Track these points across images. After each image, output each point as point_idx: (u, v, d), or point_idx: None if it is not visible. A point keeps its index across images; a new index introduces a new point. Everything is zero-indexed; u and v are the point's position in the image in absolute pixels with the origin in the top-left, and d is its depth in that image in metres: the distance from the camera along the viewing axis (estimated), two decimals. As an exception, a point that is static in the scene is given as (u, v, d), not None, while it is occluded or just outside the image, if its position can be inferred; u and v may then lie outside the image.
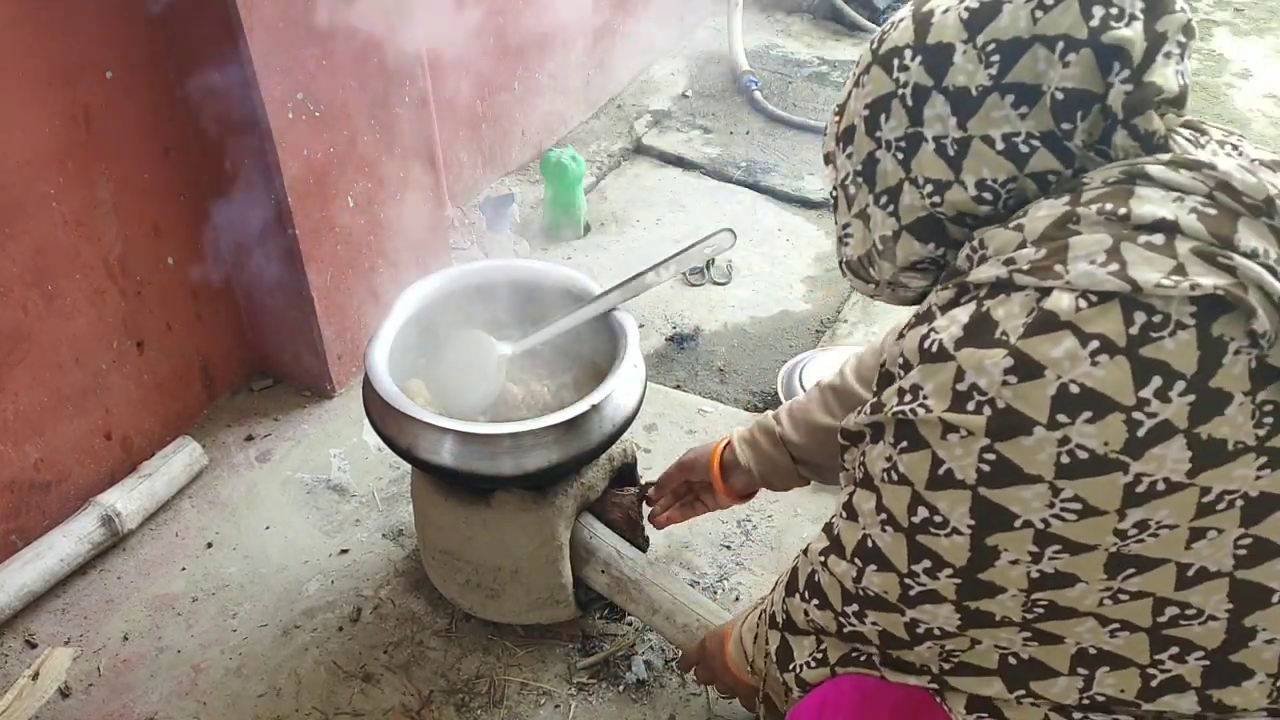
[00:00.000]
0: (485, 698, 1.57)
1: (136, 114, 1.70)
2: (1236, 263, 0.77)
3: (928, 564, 0.89)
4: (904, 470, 0.88)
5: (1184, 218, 0.79)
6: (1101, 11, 0.84)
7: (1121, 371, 0.77)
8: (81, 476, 1.81)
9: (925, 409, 0.85)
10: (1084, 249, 0.80)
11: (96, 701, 1.57)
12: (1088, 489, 0.79)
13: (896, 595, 0.93)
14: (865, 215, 1.00)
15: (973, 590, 0.88)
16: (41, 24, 1.52)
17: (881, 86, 0.95)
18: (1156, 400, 0.77)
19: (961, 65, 0.88)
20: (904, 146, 0.94)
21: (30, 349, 1.66)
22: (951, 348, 0.84)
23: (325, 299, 1.97)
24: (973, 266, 0.90)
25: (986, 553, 0.85)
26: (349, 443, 2.02)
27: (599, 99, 3.12)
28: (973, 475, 0.83)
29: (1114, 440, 0.78)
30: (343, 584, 1.75)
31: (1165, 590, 0.84)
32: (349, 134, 1.88)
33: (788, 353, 2.27)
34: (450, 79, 2.43)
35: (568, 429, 1.41)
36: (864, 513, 0.95)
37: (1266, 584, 0.83)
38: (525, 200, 2.69)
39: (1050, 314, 0.79)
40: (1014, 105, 0.87)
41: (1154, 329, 0.77)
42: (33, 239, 1.60)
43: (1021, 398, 0.79)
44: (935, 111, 0.91)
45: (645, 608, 1.52)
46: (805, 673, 1.10)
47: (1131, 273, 0.78)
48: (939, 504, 0.86)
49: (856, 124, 0.98)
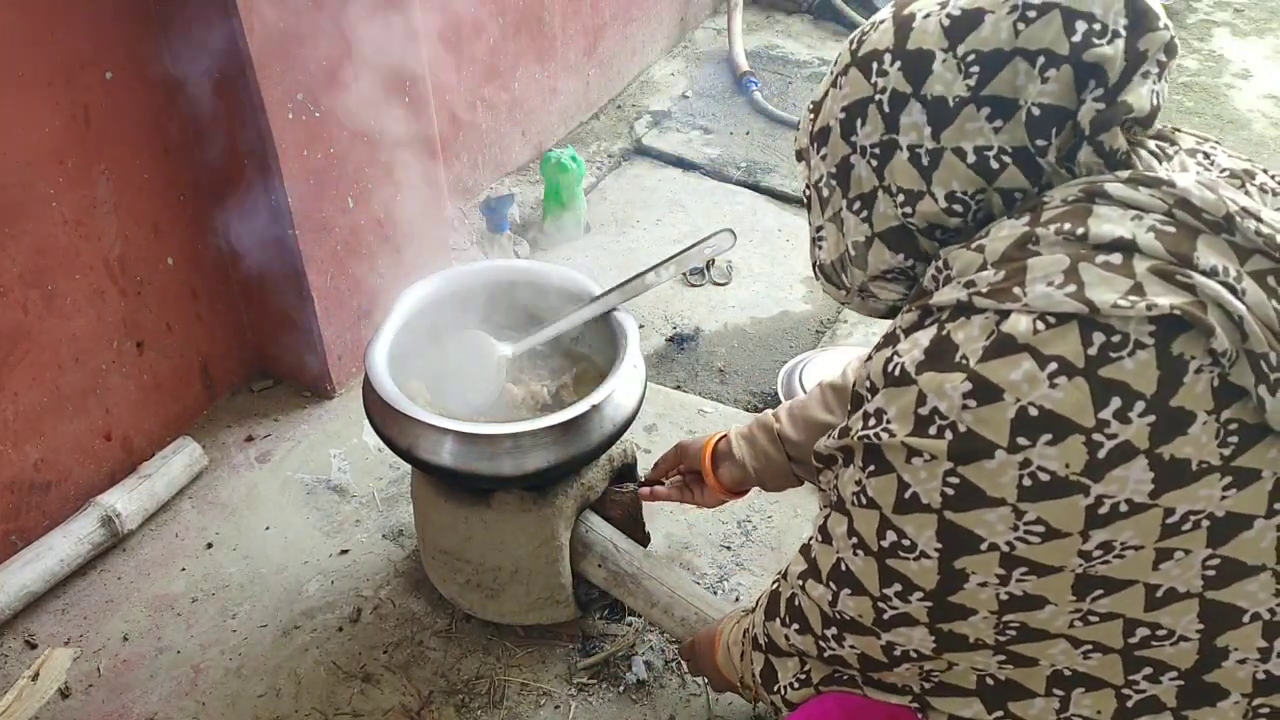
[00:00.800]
0: (485, 698, 1.57)
1: (136, 114, 1.70)
2: (1195, 281, 0.77)
3: (899, 587, 0.89)
4: (872, 494, 0.89)
5: (1142, 236, 0.79)
6: (1084, 27, 0.83)
7: (1080, 393, 0.77)
8: (81, 477, 1.81)
9: (889, 433, 0.85)
10: (1042, 270, 0.80)
11: (96, 702, 1.57)
12: (1050, 511, 0.79)
13: (871, 619, 0.93)
14: (839, 219, 1.00)
15: (944, 613, 0.88)
16: (41, 24, 1.52)
17: (859, 90, 0.94)
18: (1116, 421, 0.77)
19: (940, 74, 0.88)
20: (878, 154, 0.93)
21: (30, 349, 1.66)
22: (913, 371, 0.84)
23: (325, 299, 1.97)
24: (938, 287, 0.90)
25: (955, 576, 0.85)
26: (349, 443, 2.02)
27: (599, 99, 3.12)
28: (937, 499, 0.83)
29: (1074, 462, 0.77)
30: (342, 584, 1.74)
31: (1135, 611, 0.83)
32: (349, 134, 1.88)
33: (788, 353, 2.27)
34: (450, 79, 2.43)
35: (568, 429, 1.41)
36: (837, 536, 0.95)
37: (1236, 604, 0.83)
38: (525, 200, 2.69)
39: (1008, 337, 0.80)
40: (989, 118, 0.86)
41: (1113, 349, 0.77)
42: (32, 239, 1.60)
43: (981, 421, 0.79)
44: (911, 120, 0.90)
45: (643, 601, 1.52)
46: (790, 694, 1.11)
47: (1089, 293, 0.78)
48: (906, 528, 0.86)
49: (832, 125, 0.97)
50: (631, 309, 1.57)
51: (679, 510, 1.87)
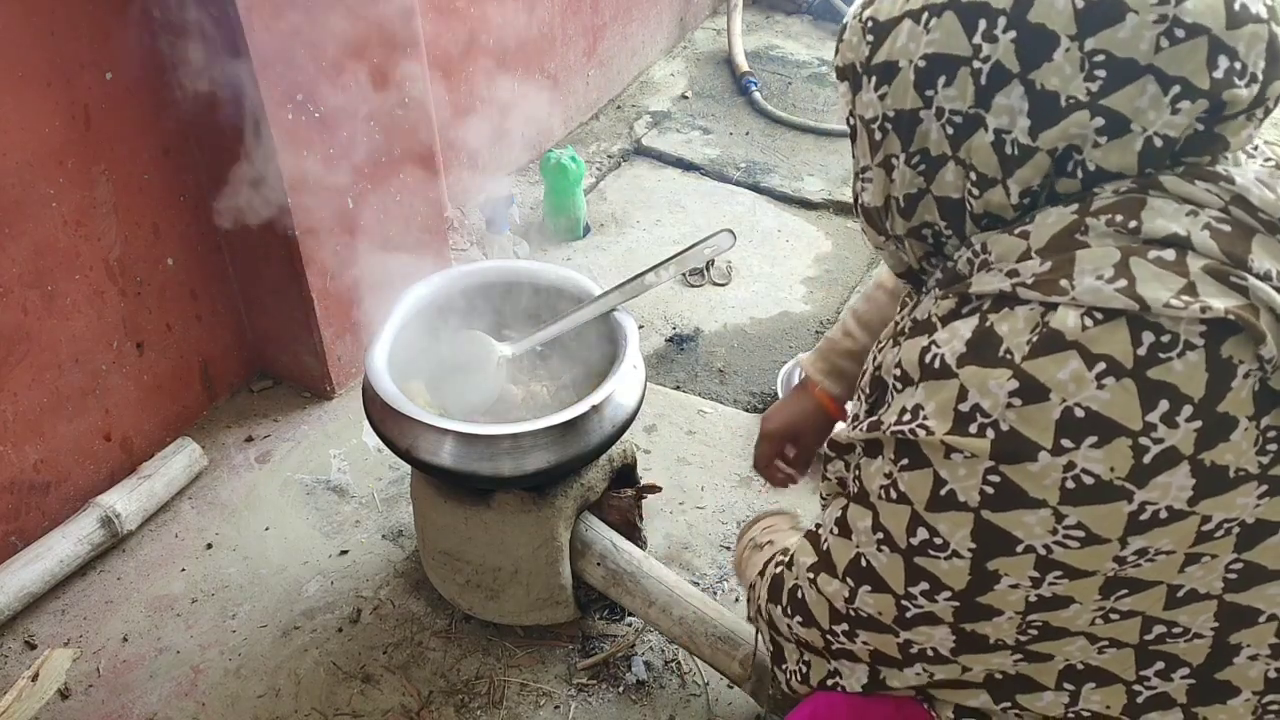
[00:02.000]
0: (485, 698, 1.57)
1: (136, 114, 1.70)
2: (1249, 284, 0.74)
3: (925, 586, 0.86)
4: (904, 489, 0.84)
5: (1196, 234, 0.76)
6: (1226, 64, 0.75)
7: (1128, 395, 0.74)
8: (81, 477, 1.81)
9: (926, 430, 0.81)
10: (1091, 263, 0.76)
11: (96, 702, 1.57)
12: (1091, 516, 0.76)
13: (891, 617, 0.90)
14: (890, 165, 0.90)
15: (970, 613, 0.85)
16: (41, 24, 1.52)
17: (953, 44, 0.81)
18: (1163, 425, 0.74)
19: (1059, 65, 0.77)
20: (959, 124, 0.83)
21: (30, 349, 1.66)
22: (954, 364, 0.80)
23: (325, 300, 1.97)
24: (972, 271, 0.85)
25: (987, 577, 0.82)
26: (349, 444, 2.02)
27: (599, 100, 3.12)
28: (976, 498, 0.79)
29: (1120, 466, 0.74)
30: (342, 585, 1.74)
31: (1155, 610, 0.83)
32: (349, 135, 1.88)
33: (787, 353, 2.27)
34: (450, 79, 2.43)
35: (567, 430, 1.41)
36: (859, 530, 0.91)
37: (1254, 606, 0.82)
38: (525, 201, 2.69)
39: (1056, 333, 0.76)
40: (1099, 131, 0.78)
41: (1162, 350, 0.74)
42: (32, 239, 1.60)
43: (1026, 421, 0.76)
44: (1009, 103, 0.79)
45: (641, 600, 1.52)
46: (794, 682, 1.08)
47: (1140, 290, 0.74)
48: (939, 526, 0.82)
49: (903, 67, 0.84)
50: (631, 309, 1.57)
51: (679, 510, 1.87)
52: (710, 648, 1.46)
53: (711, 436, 2.04)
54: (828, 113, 3.17)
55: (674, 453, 2.00)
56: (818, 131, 3.05)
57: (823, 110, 3.19)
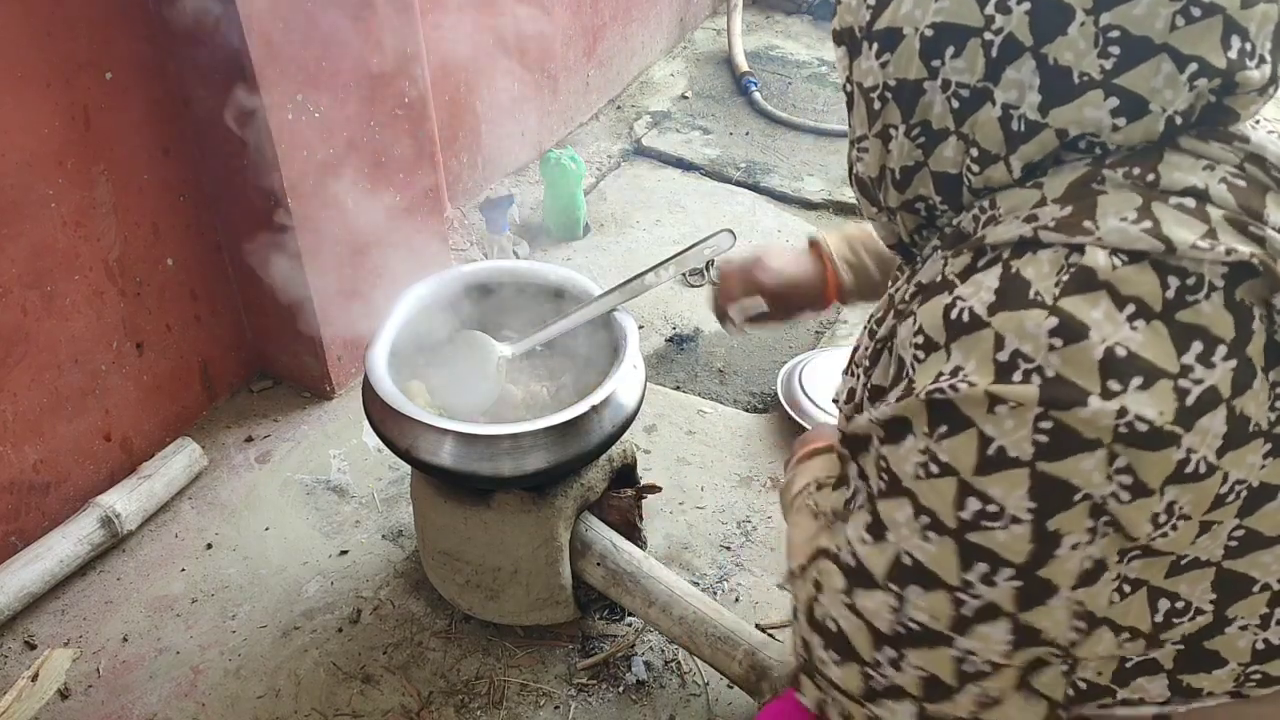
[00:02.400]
0: (485, 699, 1.56)
1: (136, 114, 1.70)
2: (1267, 234, 0.74)
3: (984, 568, 0.79)
4: (947, 459, 0.78)
5: (1214, 186, 0.75)
6: (1239, 44, 0.74)
7: (1160, 337, 0.72)
8: (81, 478, 1.81)
9: (968, 384, 0.75)
10: (1114, 206, 0.75)
11: (96, 703, 1.57)
12: (1142, 462, 0.73)
13: (947, 619, 0.82)
14: (886, 136, 0.87)
15: (1030, 595, 0.79)
16: (40, 24, 1.52)
17: (964, 14, 0.78)
18: (1200, 366, 0.72)
19: (1073, 40, 0.75)
20: (965, 97, 0.80)
21: (29, 350, 1.66)
22: (985, 314, 0.76)
23: (325, 300, 1.97)
24: (979, 228, 0.83)
25: (1048, 540, 0.77)
26: (349, 444, 2.02)
27: (599, 100, 3.12)
28: (1029, 450, 0.74)
29: (1167, 409, 0.72)
30: (342, 585, 1.74)
31: (1157, 579, 0.82)
32: (349, 135, 1.88)
33: (787, 353, 2.27)
34: (450, 79, 2.43)
35: (567, 430, 1.41)
36: (896, 524, 0.83)
37: (1250, 574, 0.82)
38: (525, 201, 2.69)
39: (1088, 270, 0.74)
40: (1114, 112, 0.76)
41: (1189, 292, 0.73)
42: (32, 240, 1.60)
43: (1070, 363, 0.73)
44: (1019, 76, 0.77)
45: (641, 600, 1.52)
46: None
47: (1166, 231, 0.73)
48: (992, 490, 0.76)
49: (908, 35, 0.82)
50: (631, 309, 1.57)
51: (679, 510, 1.87)
52: (710, 648, 1.46)
53: (711, 436, 2.04)
54: (828, 113, 3.17)
55: (674, 453, 2.00)
56: (818, 132, 3.05)
57: (823, 110, 3.19)
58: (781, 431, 2.05)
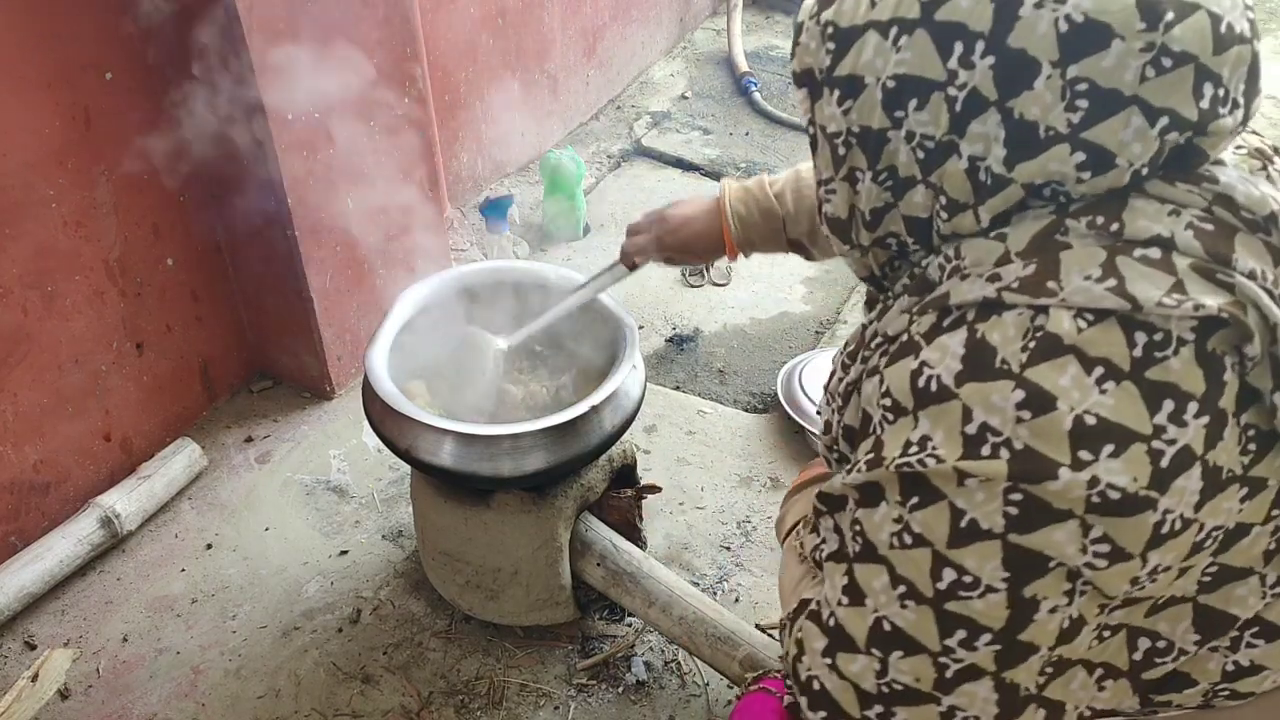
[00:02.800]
0: (485, 699, 1.57)
1: (136, 115, 1.70)
2: (1236, 281, 0.72)
3: (963, 634, 0.78)
4: (919, 530, 0.77)
5: (1180, 233, 0.74)
6: (1211, 92, 0.72)
7: (1131, 398, 0.71)
8: (81, 478, 1.81)
9: (936, 459, 0.75)
10: (1077, 263, 0.74)
11: (96, 703, 1.57)
12: (1118, 529, 0.73)
13: (931, 681, 0.81)
14: (854, 179, 0.86)
15: (1010, 656, 0.79)
16: (41, 25, 1.52)
17: (926, 67, 0.76)
18: (1173, 426, 0.71)
19: (1040, 94, 0.73)
20: (930, 149, 0.79)
21: (30, 350, 1.66)
22: (952, 384, 0.75)
23: (325, 300, 1.97)
24: (943, 277, 0.81)
25: (1025, 606, 0.76)
26: (348, 444, 2.02)
27: (598, 100, 3.12)
28: (1000, 522, 0.74)
29: (1141, 475, 0.71)
30: (342, 585, 1.74)
31: (1137, 620, 0.82)
32: (349, 135, 1.88)
33: (787, 354, 2.27)
34: (449, 80, 2.43)
35: (567, 430, 1.41)
36: (874, 591, 0.82)
37: (1228, 610, 0.81)
38: (524, 201, 2.69)
39: (1053, 337, 0.72)
40: (1080, 166, 0.74)
41: (1157, 348, 0.72)
42: (32, 240, 1.60)
43: (1039, 435, 0.72)
44: (984, 130, 0.76)
45: (641, 600, 1.52)
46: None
47: (1131, 288, 0.72)
48: (966, 561, 0.76)
49: (869, 84, 0.80)
50: (631, 309, 1.57)
51: (679, 511, 1.87)
52: (710, 648, 1.46)
53: (711, 437, 2.04)
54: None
55: (674, 453, 2.01)
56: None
57: (822, 110, 3.19)
58: (781, 432, 2.05)
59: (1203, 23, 0.71)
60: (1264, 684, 0.87)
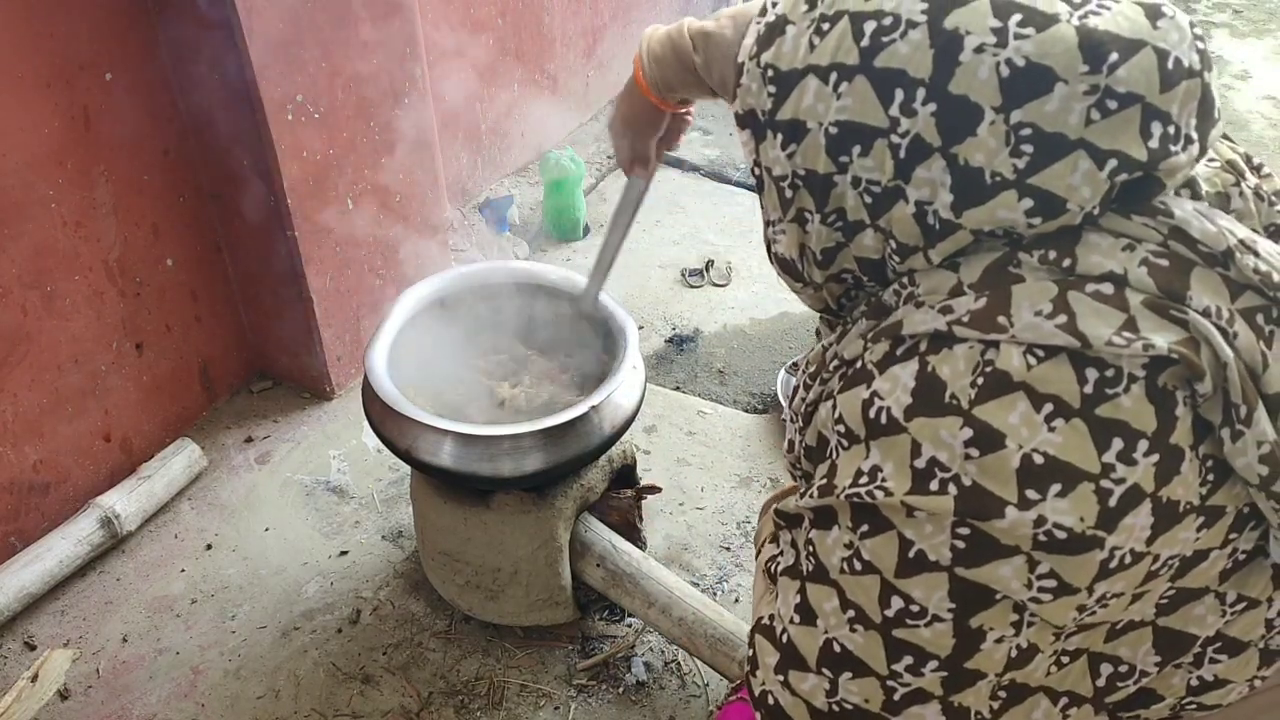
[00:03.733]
0: (484, 699, 1.56)
1: (136, 115, 1.70)
2: (1189, 318, 0.72)
3: (909, 660, 0.79)
4: (869, 558, 0.78)
5: (1134, 270, 0.73)
6: (1160, 130, 0.71)
7: (1079, 436, 0.71)
8: (81, 478, 1.81)
9: (885, 491, 0.75)
10: (1028, 298, 0.73)
11: (95, 703, 1.56)
12: (1064, 566, 0.73)
13: (880, 703, 0.82)
14: (802, 220, 0.85)
15: (957, 681, 0.79)
16: (40, 25, 1.52)
17: (867, 114, 0.75)
18: (1121, 465, 0.71)
19: (983, 140, 0.72)
20: (877, 194, 0.78)
21: (29, 350, 1.66)
22: (902, 417, 0.75)
23: (324, 300, 1.97)
24: (899, 303, 0.81)
25: (971, 636, 0.77)
26: (348, 444, 2.02)
27: (598, 101, 3.12)
28: (947, 555, 0.74)
29: (1088, 514, 0.71)
30: (342, 586, 1.74)
31: (1097, 645, 0.82)
32: (348, 136, 1.88)
33: (787, 354, 2.27)
34: (450, 80, 2.43)
35: (567, 431, 1.41)
36: (825, 613, 0.83)
37: (1186, 630, 0.82)
38: (524, 202, 2.69)
39: (1003, 375, 0.72)
40: (1029, 213, 0.73)
41: (1108, 385, 0.71)
42: (32, 240, 1.60)
43: (986, 473, 0.72)
44: (930, 176, 0.74)
45: (641, 602, 1.52)
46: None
47: (1081, 326, 0.71)
48: (914, 591, 0.76)
49: (812, 129, 0.79)
50: (631, 309, 1.57)
51: (678, 511, 1.87)
52: (710, 649, 1.46)
53: (711, 437, 2.04)
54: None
55: (674, 453, 2.00)
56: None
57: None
58: (781, 432, 2.05)
59: (1149, 61, 0.70)
60: (1229, 696, 0.87)
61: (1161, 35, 0.70)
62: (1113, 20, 0.70)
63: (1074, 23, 0.70)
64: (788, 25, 0.79)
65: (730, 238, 2.64)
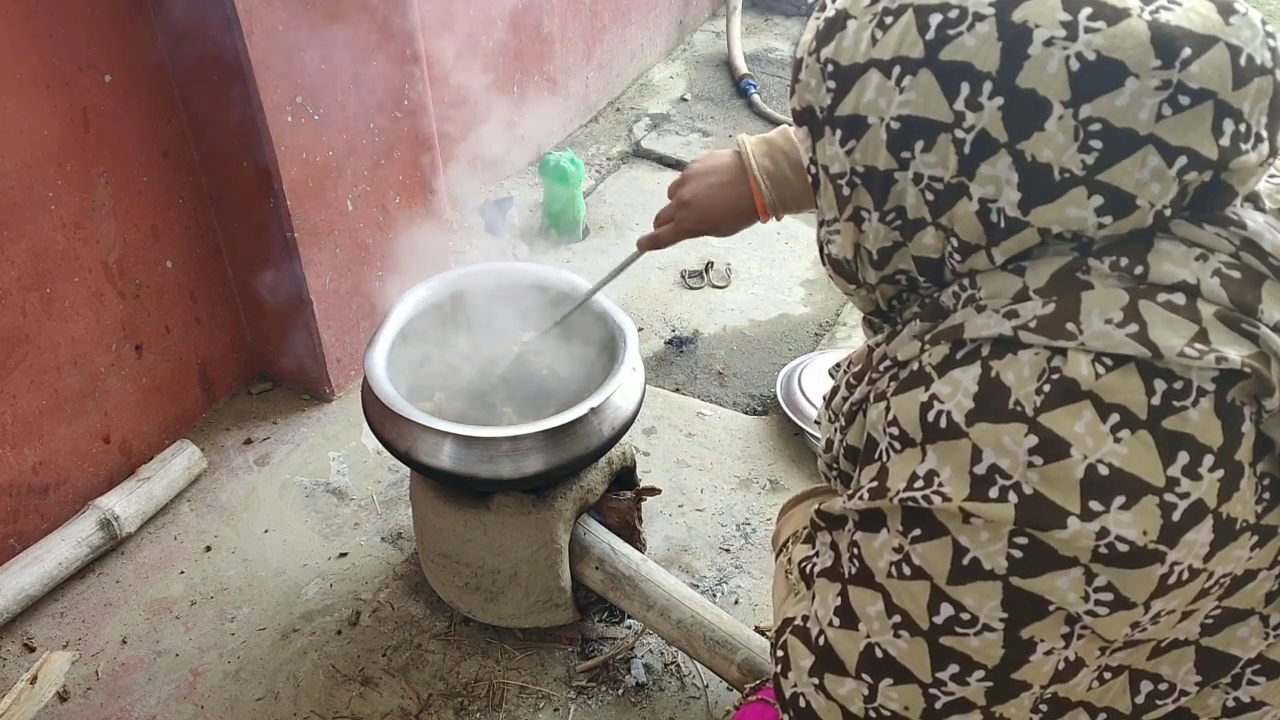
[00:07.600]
0: (484, 701, 1.56)
1: (135, 117, 1.70)
2: (1261, 332, 0.70)
3: (955, 669, 0.78)
4: (919, 563, 0.77)
5: (1206, 280, 0.71)
6: (1232, 128, 0.69)
7: (1146, 448, 0.70)
8: (80, 480, 1.81)
9: (942, 496, 0.74)
10: (1098, 305, 0.71)
11: (95, 705, 1.56)
12: (1123, 580, 0.72)
13: (920, 711, 0.81)
14: (859, 219, 0.83)
15: (1002, 692, 0.78)
16: (40, 27, 1.52)
17: (932, 109, 0.74)
18: (1186, 479, 0.70)
19: (1051, 135, 0.70)
20: (940, 190, 0.76)
21: (29, 352, 1.66)
22: (963, 423, 0.73)
23: (324, 302, 1.97)
24: (958, 305, 0.79)
25: (1021, 647, 0.76)
26: (348, 446, 2.02)
27: (598, 102, 3.12)
28: (1003, 564, 0.73)
29: (1151, 528, 0.70)
30: (341, 587, 1.74)
31: (1139, 663, 0.81)
32: (348, 137, 1.88)
33: (787, 356, 2.27)
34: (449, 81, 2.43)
35: (566, 432, 1.41)
36: (868, 617, 0.81)
37: (1229, 651, 0.81)
38: (524, 203, 2.69)
39: (1070, 382, 0.71)
40: (1099, 211, 0.71)
41: (1176, 398, 0.70)
42: (31, 241, 1.60)
43: (1049, 482, 0.71)
44: (995, 173, 0.73)
45: (640, 604, 1.52)
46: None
47: (1153, 336, 0.70)
48: (965, 599, 0.75)
49: (873, 124, 0.77)
50: (630, 311, 1.57)
51: (678, 513, 1.87)
52: (709, 651, 1.46)
53: (711, 439, 2.04)
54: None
55: (673, 455, 2.00)
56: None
57: (822, 112, 3.19)
58: (781, 434, 2.05)
59: (1221, 57, 0.68)
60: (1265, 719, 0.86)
61: (1234, 31, 0.69)
62: (1185, 16, 0.69)
63: (1145, 17, 0.69)
64: (849, 20, 0.78)
65: (730, 239, 2.63)
